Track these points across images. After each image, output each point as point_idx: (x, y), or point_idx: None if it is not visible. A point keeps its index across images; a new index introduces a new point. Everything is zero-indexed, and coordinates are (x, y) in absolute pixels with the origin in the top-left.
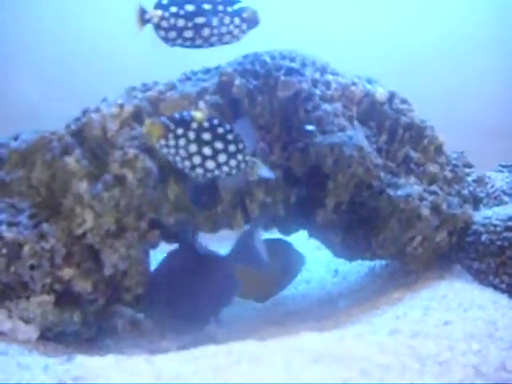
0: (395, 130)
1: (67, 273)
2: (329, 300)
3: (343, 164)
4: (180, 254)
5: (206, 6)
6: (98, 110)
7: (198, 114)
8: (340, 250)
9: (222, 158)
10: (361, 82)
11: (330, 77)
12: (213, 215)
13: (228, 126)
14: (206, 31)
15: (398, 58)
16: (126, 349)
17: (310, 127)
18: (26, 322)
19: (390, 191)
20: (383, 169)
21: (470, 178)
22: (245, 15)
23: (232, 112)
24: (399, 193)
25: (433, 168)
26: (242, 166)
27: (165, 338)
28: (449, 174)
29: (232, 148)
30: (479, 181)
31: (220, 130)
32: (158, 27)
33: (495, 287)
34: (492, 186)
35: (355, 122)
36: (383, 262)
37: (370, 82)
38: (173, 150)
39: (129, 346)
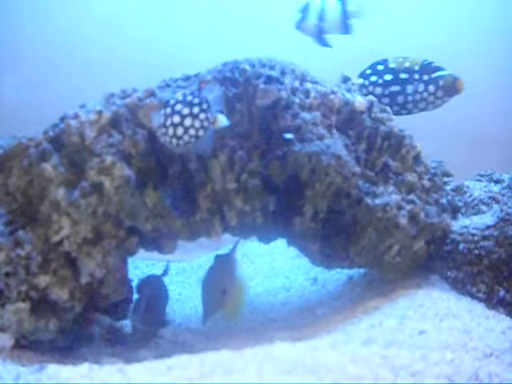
0: (374, 139)
1: (43, 280)
2: (307, 308)
3: (321, 172)
4: None
5: (403, 75)
6: (76, 116)
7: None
8: (318, 259)
9: (187, 121)
10: (340, 90)
11: (309, 85)
12: (191, 223)
13: (197, 92)
14: (400, 98)
15: None
16: (103, 357)
17: (288, 135)
18: (1, 329)
19: (368, 200)
20: (362, 177)
21: (448, 187)
22: (441, 83)
23: None
24: (377, 202)
25: (411, 177)
26: (206, 124)
27: (143, 347)
28: (427, 183)
29: (196, 110)
30: (457, 190)
31: (189, 98)
32: None
33: (472, 296)
34: (470, 195)
35: (334, 131)
36: (362, 271)
37: (349, 90)
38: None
39: (106, 355)
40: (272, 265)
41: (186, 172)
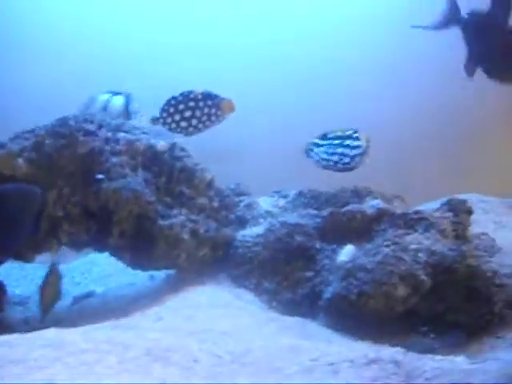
0: (172, 173)
1: None
2: (136, 300)
3: (122, 203)
4: None
5: None
6: None
7: None
8: (131, 265)
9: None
10: (146, 137)
11: (121, 134)
12: (36, 240)
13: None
14: None
15: None
16: None
17: (100, 176)
18: None
19: (160, 221)
20: (160, 203)
21: (242, 204)
22: None
23: (46, 165)
24: (166, 223)
25: (202, 200)
26: None
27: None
28: (216, 204)
29: None
30: (249, 206)
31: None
32: None
33: (246, 287)
34: (257, 210)
35: (139, 169)
36: None
37: (158, 134)
38: None
39: None
40: None
41: None
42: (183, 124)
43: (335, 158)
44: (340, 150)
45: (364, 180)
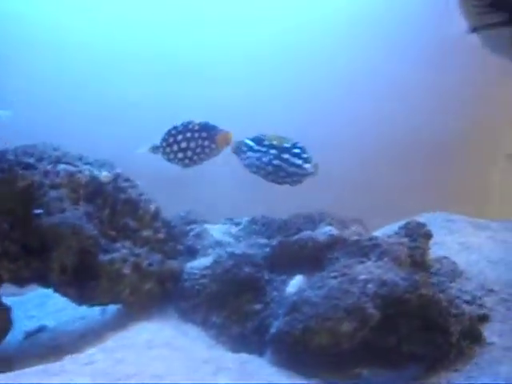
0: (116, 205)
1: None
2: (84, 335)
3: (60, 238)
4: None
5: None
6: None
7: None
8: (76, 300)
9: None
10: (90, 168)
11: (61, 166)
12: None
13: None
14: None
15: None
16: None
17: (38, 211)
18: None
19: (101, 256)
20: (104, 237)
21: (192, 233)
22: None
23: None
24: (107, 258)
25: (146, 232)
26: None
27: None
28: (162, 236)
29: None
30: (198, 235)
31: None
32: None
33: (193, 322)
34: (206, 240)
35: (81, 202)
36: None
37: (102, 165)
38: None
39: None
40: None
41: None
42: (180, 155)
43: (270, 168)
44: (276, 161)
45: (327, 199)
